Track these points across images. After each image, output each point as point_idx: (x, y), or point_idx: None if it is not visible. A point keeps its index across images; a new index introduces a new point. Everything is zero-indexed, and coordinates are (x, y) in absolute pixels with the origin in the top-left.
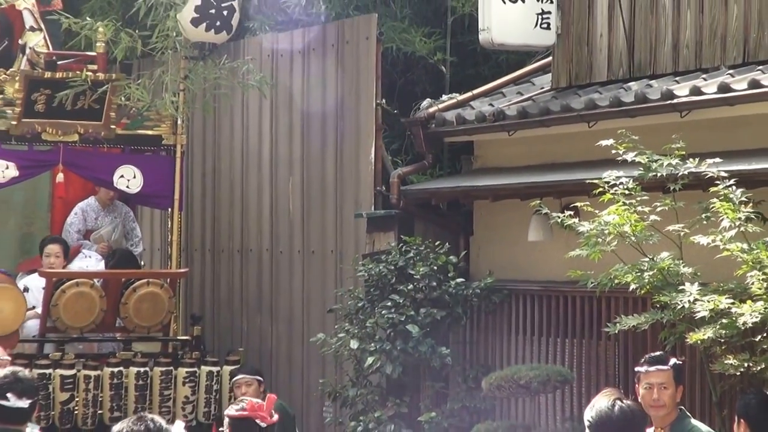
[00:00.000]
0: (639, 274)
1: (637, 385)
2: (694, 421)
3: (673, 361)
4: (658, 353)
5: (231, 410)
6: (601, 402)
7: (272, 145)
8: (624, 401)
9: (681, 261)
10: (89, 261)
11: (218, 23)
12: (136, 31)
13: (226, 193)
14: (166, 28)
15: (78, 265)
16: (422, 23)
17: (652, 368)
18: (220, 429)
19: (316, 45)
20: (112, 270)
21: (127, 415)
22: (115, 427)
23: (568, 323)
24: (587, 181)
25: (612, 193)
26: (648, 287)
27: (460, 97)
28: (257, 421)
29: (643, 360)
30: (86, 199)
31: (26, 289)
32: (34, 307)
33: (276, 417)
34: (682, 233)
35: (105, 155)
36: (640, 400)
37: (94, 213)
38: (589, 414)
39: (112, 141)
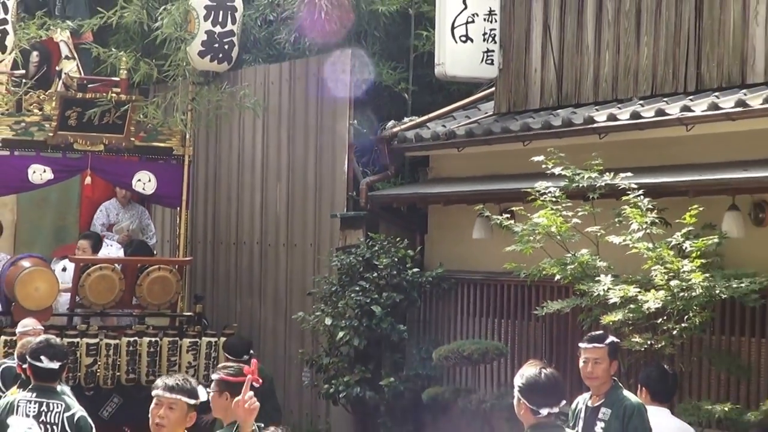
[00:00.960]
0: (563, 267)
1: (579, 358)
2: (625, 392)
3: (609, 339)
4: (599, 332)
5: (222, 373)
6: (529, 370)
7: (263, 157)
8: (548, 369)
9: (597, 257)
10: (111, 249)
11: (221, 55)
12: (153, 61)
13: (224, 196)
14: (177, 59)
15: (102, 252)
16: (389, 58)
17: (590, 345)
18: (207, 390)
19: (300, 75)
20: (130, 257)
21: (141, 376)
22: (166, 380)
23: (504, 307)
24: (522, 190)
25: (542, 200)
26: (570, 278)
27: (419, 120)
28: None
29: (585, 337)
30: (109, 199)
31: (64, 269)
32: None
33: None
34: (598, 234)
35: (125, 162)
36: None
37: (115, 210)
38: (519, 380)
39: (131, 151)
